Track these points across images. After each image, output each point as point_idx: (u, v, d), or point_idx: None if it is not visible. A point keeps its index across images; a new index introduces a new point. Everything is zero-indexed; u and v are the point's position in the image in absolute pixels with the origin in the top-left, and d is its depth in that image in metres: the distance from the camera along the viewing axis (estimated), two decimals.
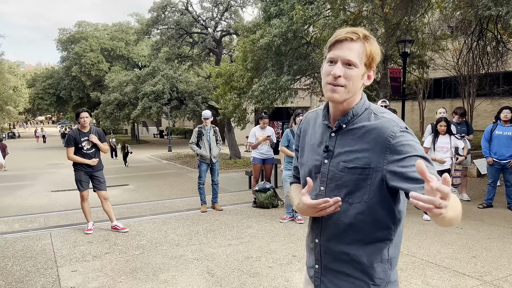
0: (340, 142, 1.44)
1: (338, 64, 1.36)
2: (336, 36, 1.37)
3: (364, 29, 1.42)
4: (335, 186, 1.44)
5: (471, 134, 7.76)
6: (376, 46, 1.39)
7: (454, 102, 18.69)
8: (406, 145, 1.31)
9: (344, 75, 1.35)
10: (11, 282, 4.19)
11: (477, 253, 4.76)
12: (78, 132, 5.88)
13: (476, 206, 7.13)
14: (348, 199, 1.41)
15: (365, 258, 1.43)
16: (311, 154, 1.54)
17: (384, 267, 1.45)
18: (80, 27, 40.53)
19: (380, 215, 1.40)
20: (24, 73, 61.77)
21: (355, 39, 1.35)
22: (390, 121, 1.38)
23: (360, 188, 1.39)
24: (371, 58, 1.37)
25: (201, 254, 4.91)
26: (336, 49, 1.37)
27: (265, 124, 7.85)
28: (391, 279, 1.47)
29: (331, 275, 1.51)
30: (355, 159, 1.39)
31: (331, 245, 1.48)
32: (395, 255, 1.49)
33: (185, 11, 22.73)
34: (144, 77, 28.07)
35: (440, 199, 1.02)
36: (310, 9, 10.97)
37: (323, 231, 1.50)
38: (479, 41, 12.14)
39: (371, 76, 1.43)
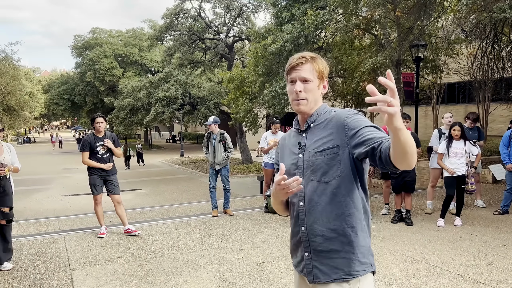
0: (310, 137, 1.74)
1: (298, 82, 1.70)
2: (290, 64, 1.72)
3: (309, 52, 1.77)
4: (310, 172, 1.69)
5: (482, 140, 7.63)
6: (321, 63, 1.73)
7: (468, 107, 18.45)
8: (359, 121, 1.63)
9: (304, 90, 1.69)
10: (26, 285, 4.24)
11: (492, 260, 4.67)
12: (93, 137, 5.96)
13: (491, 212, 7.01)
14: (324, 179, 1.65)
15: (349, 229, 1.64)
16: (289, 156, 1.80)
17: (364, 236, 1.68)
18: (94, 34, 41.13)
19: (352, 185, 1.64)
20: (40, 79, 62.84)
21: (304, 62, 1.69)
22: (345, 110, 1.72)
23: (332, 166, 1.64)
24: (320, 72, 1.71)
25: (213, 259, 4.92)
26: (293, 72, 1.71)
27: (277, 129, 7.84)
28: (370, 250, 1.70)
29: (322, 257, 1.68)
30: (323, 143, 1.68)
31: (318, 226, 1.67)
32: (369, 226, 1.73)
33: (198, 17, 22.93)
34: (157, 82, 28.32)
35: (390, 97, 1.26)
36: (322, 14, 10.98)
37: (308, 215, 1.69)
38: (494, 45, 11.98)
39: (326, 86, 1.77)
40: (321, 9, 11.63)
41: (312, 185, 1.68)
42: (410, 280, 4.14)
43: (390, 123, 1.29)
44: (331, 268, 1.65)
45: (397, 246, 5.24)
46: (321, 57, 1.76)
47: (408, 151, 1.37)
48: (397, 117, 1.28)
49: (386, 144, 1.46)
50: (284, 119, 11.34)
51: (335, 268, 1.65)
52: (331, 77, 14.57)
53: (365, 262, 1.66)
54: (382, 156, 1.46)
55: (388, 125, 1.30)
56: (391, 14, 10.69)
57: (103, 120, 5.97)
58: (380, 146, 1.48)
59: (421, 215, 6.97)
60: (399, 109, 1.28)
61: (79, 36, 41.73)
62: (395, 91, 1.27)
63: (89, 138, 5.99)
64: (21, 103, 32.46)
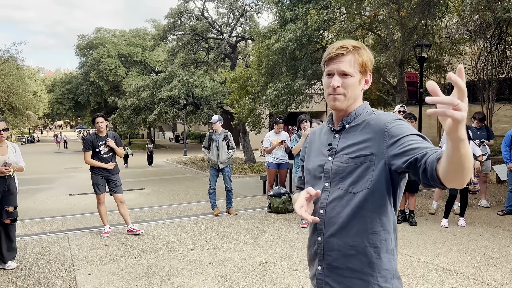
0: (343, 139, 1.55)
1: (335, 76, 1.49)
2: (328, 54, 1.50)
3: (352, 41, 1.54)
4: (339, 179, 1.50)
5: (492, 139, 7.59)
6: (366, 54, 1.51)
7: (472, 107, 18.35)
8: (402, 127, 1.42)
9: (342, 85, 1.48)
10: (30, 284, 4.26)
11: (497, 261, 4.65)
12: (95, 137, 5.99)
13: (495, 212, 6.98)
14: (352, 189, 1.47)
15: (371, 249, 1.46)
16: (316, 157, 1.63)
17: (389, 258, 1.48)
18: (98, 33, 41.22)
19: (382, 201, 1.45)
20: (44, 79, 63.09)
21: (345, 53, 1.48)
22: (388, 114, 1.51)
23: (363, 176, 1.45)
24: (363, 65, 1.50)
25: (216, 259, 4.92)
26: (331, 64, 1.50)
27: (280, 129, 7.83)
28: (396, 273, 1.51)
29: (336, 274, 1.51)
30: (358, 149, 1.48)
31: (335, 240, 1.49)
32: (396, 247, 1.53)
33: (201, 17, 22.93)
34: (161, 82, 28.36)
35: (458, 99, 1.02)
36: (325, 14, 10.95)
37: (327, 226, 1.52)
38: (498, 44, 11.92)
39: (368, 80, 1.55)
40: (324, 9, 11.61)
41: (337, 193, 1.50)
42: (414, 280, 4.12)
43: (452, 131, 1.06)
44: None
45: (401, 247, 5.23)
46: (365, 47, 1.53)
47: (466, 167, 1.13)
48: (463, 124, 1.05)
49: (433, 156, 1.24)
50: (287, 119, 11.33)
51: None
52: None
53: (387, 287, 1.47)
54: (428, 170, 1.24)
55: (450, 133, 1.07)
56: (395, 13, 10.65)
57: (103, 120, 5.98)
58: (425, 158, 1.26)
59: (424, 215, 6.95)
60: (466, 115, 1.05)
61: (83, 36, 41.84)
62: (464, 92, 1.03)
63: (91, 137, 6.01)
64: (25, 103, 32.60)
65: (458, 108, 1.02)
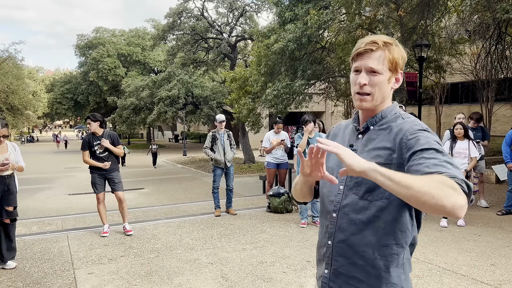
0: (365, 142, 1.46)
1: (363, 73, 1.40)
2: (357, 49, 1.42)
3: (384, 36, 1.45)
4: (354, 183, 1.42)
5: (486, 140, 7.60)
6: (397, 50, 1.42)
7: (472, 107, 18.40)
8: (420, 139, 1.31)
9: (369, 83, 1.40)
10: (29, 283, 4.26)
11: (496, 261, 4.66)
12: (91, 136, 6.06)
13: (494, 212, 6.99)
14: (367, 197, 1.39)
15: (381, 262, 1.38)
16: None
17: (399, 272, 1.41)
18: (97, 33, 41.20)
19: (400, 213, 1.37)
20: (43, 78, 63.03)
21: (375, 49, 1.39)
22: (413, 121, 1.41)
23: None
24: (394, 63, 1.41)
25: (215, 258, 4.92)
26: (359, 60, 1.41)
27: (280, 128, 7.84)
28: (404, 287, 1.43)
29: (341, 280, 1.45)
30: (377, 155, 1.39)
31: (345, 246, 1.43)
32: (408, 259, 1.46)
33: (201, 16, 22.93)
34: (160, 82, 28.35)
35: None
36: (325, 14, 10.96)
37: (338, 231, 1.45)
38: (497, 45, 11.94)
39: (399, 79, 1.46)
40: (324, 9, 11.62)
41: (352, 198, 1.42)
42: (413, 280, 4.13)
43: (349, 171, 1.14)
44: None
45: None
46: (398, 43, 1.44)
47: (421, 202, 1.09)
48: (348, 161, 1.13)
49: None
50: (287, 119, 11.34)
51: None
52: (334, 77, 14.56)
53: None
54: None
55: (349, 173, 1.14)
56: (394, 13, 10.66)
57: (90, 121, 6.03)
58: None
59: (424, 215, 6.95)
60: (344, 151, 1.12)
61: (83, 35, 41.82)
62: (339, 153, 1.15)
63: (87, 137, 6.09)
64: (24, 102, 32.58)
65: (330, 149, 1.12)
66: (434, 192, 1.08)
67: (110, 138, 6.07)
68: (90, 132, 6.12)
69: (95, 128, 6.01)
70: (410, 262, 1.47)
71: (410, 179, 1.12)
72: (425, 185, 1.09)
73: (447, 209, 1.07)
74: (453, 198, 1.08)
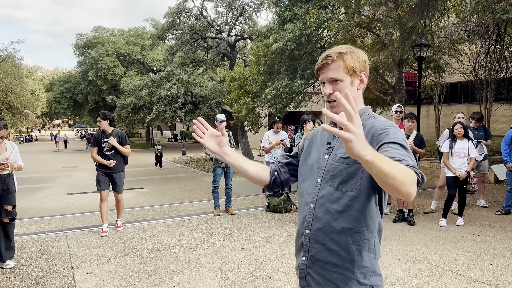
0: (341, 140, 1.53)
1: (327, 84, 1.60)
2: (317, 65, 1.61)
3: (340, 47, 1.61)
4: (330, 176, 1.57)
5: (489, 140, 7.59)
6: (352, 57, 1.58)
7: (471, 107, 18.42)
8: (389, 134, 1.47)
9: (334, 90, 1.57)
10: (28, 283, 4.25)
11: (495, 261, 4.66)
12: (101, 133, 6.18)
13: (493, 212, 7.00)
14: (341, 188, 1.54)
15: (354, 246, 1.53)
16: (315, 152, 1.70)
17: (371, 257, 1.55)
18: (96, 32, 41.15)
19: (370, 202, 1.52)
20: (42, 78, 62.98)
21: (330, 62, 1.57)
22: (383, 120, 1.59)
23: (353, 177, 1.51)
24: (350, 68, 1.57)
25: (215, 258, 4.92)
26: (320, 74, 1.61)
27: (279, 128, 7.84)
28: (376, 270, 1.57)
29: (317, 266, 1.58)
30: None
31: (321, 234, 1.57)
32: (379, 246, 1.60)
33: (200, 16, 22.93)
34: (159, 81, 28.34)
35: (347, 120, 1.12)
36: (324, 13, 10.96)
37: (315, 220, 1.59)
38: (496, 45, 11.95)
39: (363, 80, 1.62)
40: (323, 8, 11.62)
41: (327, 190, 1.57)
42: (412, 280, 4.13)
43: (349, 153, 1.16)
44: (325, 280, 1.57)
45: (399, 246, 5.24)
46: (353, 50, 1.60)
47: (390, 183, 1.20)
48: (353, 145, 1.12)
49: None
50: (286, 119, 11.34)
51: (329, 281, 1.56)
52: None
53: (365, 283, 1.54)
54: None
55: (350, 155, 1.17)
56: (393, 13, 10.66)
57: (100, 119, 6.18)
58: None
59: (423, 215, 6.96)
60: (356, 137, 1.12)
61: (82, 34, 41.75)
62: (350, 114, 1.12)
63: (97, 134, 6.26)
64: (23, 102, 32.57)
65: (346, 129, 1.12)
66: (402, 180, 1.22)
67: (118, 137, 6.18)
68: (101, 130, 6.23)
69: (104, 126, 6.14)
70: (379, 249, 1.61)
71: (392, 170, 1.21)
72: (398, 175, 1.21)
73: (404, 194, 1.24)
74: (408, 187, 1.24)
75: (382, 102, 17.39)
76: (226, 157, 1.72)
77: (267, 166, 1.86)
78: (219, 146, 1.69)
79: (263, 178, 1.81)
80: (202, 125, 1.68)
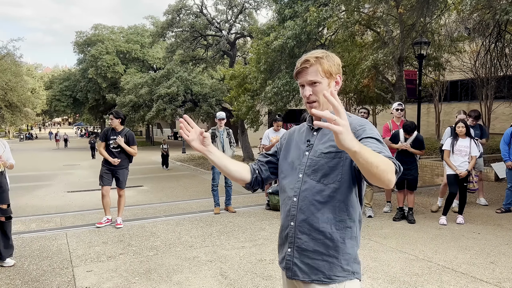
0: (320, 137, 1.73)
1: (306, 86, 1.70)
2: (296, 69, 1.71)
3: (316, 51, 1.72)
4: (312, 171, 1.68)
5: (485, 138, 7.58)
6: (328, 61, 1.69)
7: (471, 105, 18.40)
8: (367, 130, 1.61)
9: (313, 92, 1.69)
10: (28, 281, 4.25)
11: (495, 259, 4.66)
12: (110, 130, 6.33)
13: (494, 210, 6.99)
14: (323, 181, 1.64)
15: (338, 234, 1.64)
16: (295, 151, 1.80)
17: (353, 244, 1.67)
18: (96, 30, 41.12)
19: (351, 193, 1.64)
20: (42, 76, 62.91)
21: (309, 66, 1.67)
22: (359, 118, 1.70)
23: (334, 170, 1.63)
24: (327, 71, 1.68)
25: (215, 256, 4.91)
26: (300, 77, 1.71)
27: (279, 126, 7.82)
28: (356, 258, 1.69)
29: (304, 256, 1.67)
30: (330, 146, 1.66)
31: (306, 225, 1.67)
32: (359, 235, 1.73)
33: (200, 13, 22.88)
34: (159, 79, 28.31)
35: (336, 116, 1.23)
36: (324, 11, 10.93)
37: (299, 212, 1.69)
38: (497, 42, 11.93)
39: (338, 82, 1.74)
40: (323, 6, 11.58)
41: (310, 183, 1.67)
42: (412, 278, 4.13)
43: (338, 144, 1.27)
44: (311, 269, 1.65)
45: (399, 244, 5.23)
46: (328, 54, 1.72)
47: (373, 172, 1.34)
48: (344, 137, 1.24)
49: None
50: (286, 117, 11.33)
51: (315, 269, 1.65)
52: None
53: (348, 269, 1.65)
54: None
55: (340, 147, 1.27)
56: (393, 11, 10.64)
57: (112, 117, 6.33)
58: None
59: (423, 213, 6.95)
60: (346, 129, 1.24)
61: (81, 32, 41.75)
62: (339, 110, 1.24)
63: (106, 130, 6.41)
64: (23, 100, 32.53)
65: (336, 123, 1.22)
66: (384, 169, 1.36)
67: (126, 137, 6.30)
68: (111, 127, 6.36)
69: (116, 124, 6.29)
70: (360, 238, 1.74)
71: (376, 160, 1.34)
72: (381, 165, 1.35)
73: (385, 182, 1.37)
74: (389, 175, 1.38)
75: (382, 100, 17.39)
76: (210, 155, 1.75)
77: (248, 166, 1.91)
78: (203, 145, 1.72)
79: (244, 177, 1.87)
80: (187, 123, 1.71)
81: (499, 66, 12.93)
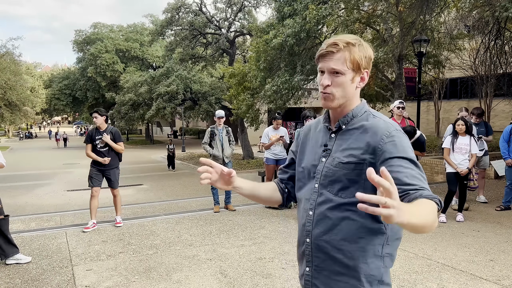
0: (339, 142, 1.50)
1: (326, 74, 1.45)
2: (320, 51, 1.46)
3: (348, 36, 1.46)
4: (328, 182, 1.47)
5: (491, 135, 7.57)
6: (360, 50, 1.44)
7: (471, 103, 18.39)
8: (397, 145, 1.37)
9: (332, 84, 1.44)
10: (27, 280, 4.25)
11: (494, 257, 4.66)
12: (95, 131, 6.21)
13: (493, 208, 7.00)
14: (341, 195, 1.43)
15: (358, 253, 1.43)
16: (311, 155, 1.58)
17: (378, 264, 1.44)
18: (95, 29, 41.02)
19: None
20: (41, 74, 62.83)
21: (336, 51, 1.42)
22: (386, 122, 1.45)
23: (353, 183, 1.41)
24: (355, 63, 1.43)
25: (214, 255, 4.91)
26: (322, 61, 1.45)
27: (279, 124, 7.82)
28: (384, 279, 1.46)
29: (323, 276, 1.49)
30: (350, 155, 1.43)
31: (323, 242, 1.47)
32: (390, 253, 1.48)
33: (199, 11, 22.83)
34: (159, 77, 28.26)
35: (386, 197, 1.02)
36: (324, 9, 10.91)
37: (315, 228, 1.49)
38: (496, 40, 11.91)
39: (364, 78, 1.48)
40: (323, 4, 11.55)
41: (326, 196, 1.47)
42: (412, 276, 4.13)
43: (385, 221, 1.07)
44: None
45: None
46: (362, 43, 1.45)
47: (421, 232, 1.17)
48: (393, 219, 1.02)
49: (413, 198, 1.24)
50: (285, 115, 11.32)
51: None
52: None
53: None
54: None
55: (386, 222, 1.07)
56: (393, 8, 10.62)
57: (97, 115, 6.18)
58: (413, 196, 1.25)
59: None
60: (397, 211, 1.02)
61: (81, 31, 41.64)
62: (390, 191, 1.02)
63: (91, 131, 6.28)
64: (22, 98, 32.46)
65: (386, 205, 1.01)
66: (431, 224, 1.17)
67: (111, 134, 6.19)
68: (95, 127, 6.26)
69: (101, 122, 6.18)
70: (392, 258, 1.49)
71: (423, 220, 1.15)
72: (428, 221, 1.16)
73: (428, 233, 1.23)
74: (434, 224, 1.19)
75: (382, 98, 17.37)
76: (239, 190, 1.61)
77: (275, 185, 1.77)
78: (229, 184, 1.57)
79: (276, 199, 1.74)
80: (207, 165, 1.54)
81: (498, 63, 12.92)
